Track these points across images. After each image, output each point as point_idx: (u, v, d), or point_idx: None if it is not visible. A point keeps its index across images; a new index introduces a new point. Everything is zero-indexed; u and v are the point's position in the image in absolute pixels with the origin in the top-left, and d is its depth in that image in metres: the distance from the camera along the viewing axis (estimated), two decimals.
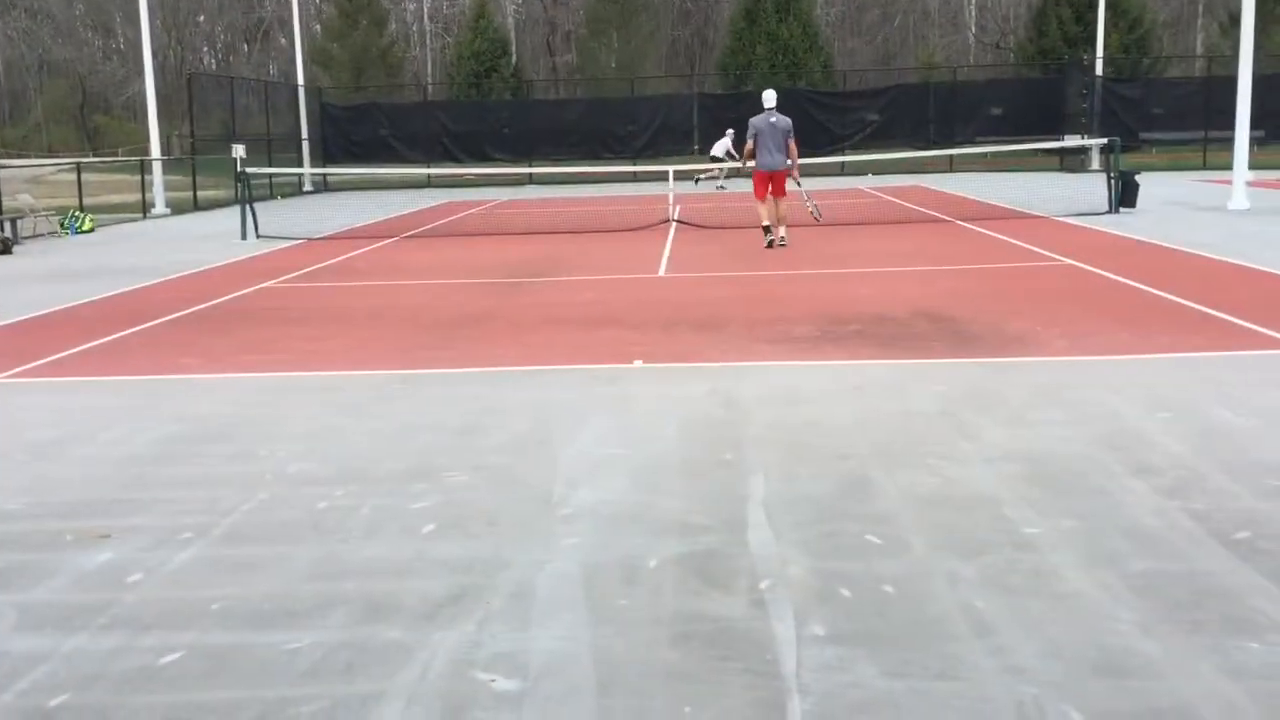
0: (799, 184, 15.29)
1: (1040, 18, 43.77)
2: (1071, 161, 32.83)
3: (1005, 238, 14.94)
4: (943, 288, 10.71)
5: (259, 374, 7.72)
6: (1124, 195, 18.16)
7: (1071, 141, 30.50)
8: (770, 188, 14.48)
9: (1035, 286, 10.74)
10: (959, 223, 17.37)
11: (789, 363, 7.52)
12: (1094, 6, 34.78)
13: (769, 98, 14.55)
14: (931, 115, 35.29)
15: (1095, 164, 30.26)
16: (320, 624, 3.66)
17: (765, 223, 14.43)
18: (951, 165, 34.34)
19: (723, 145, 29.76)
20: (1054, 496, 4.69)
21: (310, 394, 7.08)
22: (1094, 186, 20.60)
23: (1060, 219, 17.28)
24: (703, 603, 3.75)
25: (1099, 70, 34.09)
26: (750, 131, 14.47)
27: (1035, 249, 13.54)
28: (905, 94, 36.64)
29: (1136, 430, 5.63)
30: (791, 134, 14.37)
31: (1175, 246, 13.43)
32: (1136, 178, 18.63)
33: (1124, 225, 16.07)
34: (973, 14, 56.66)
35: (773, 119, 14.30)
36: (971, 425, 5.80)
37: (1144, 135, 34.09)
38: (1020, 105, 35.23)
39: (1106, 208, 17.99)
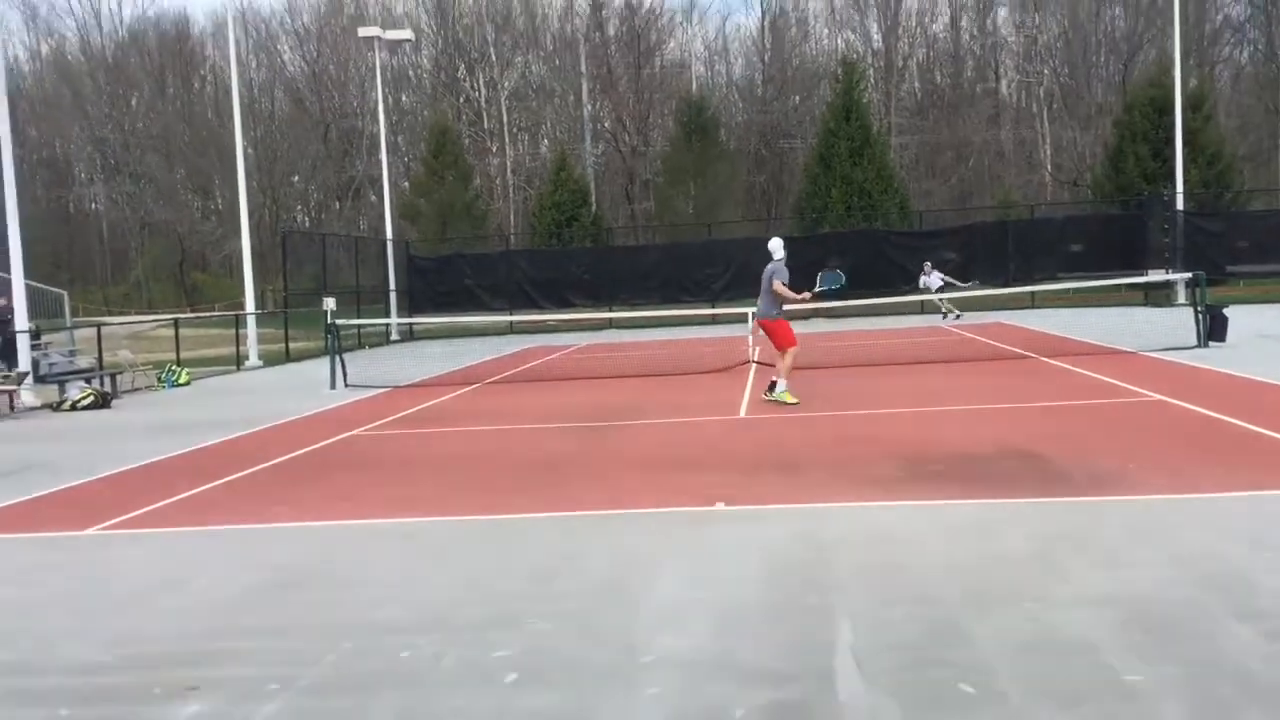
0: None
1: (1117, 156, 43.87)
2: (1157, 296, 32.44)
3: (1091, 373, 14.71)
4: (1029, 425, 10.54)
5: (345, 521, 7.81)
6: (1213, 329, 17.85)
7: (1155, 276, 30.16)
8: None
9: (1125, 423, 10.52)
10: (1043, 359, 17.17)
11: (873, 503, 7.41)
12: (1171, 143, 34.80)
13: (772, 247, 13.39)
14: (1010, 253, 35.25)
15: (1181, 298, 29.86)
16: None
17: (774, 378, 13.41)
18: (1033, 301, 34.13)
19: (935, 280, 30.38)
20: (1155, 642, 4.51)
21: (394, 540, 7.14)
22: (1181, 321, 20.29)
23: (1148, 354, 16.99)
24: None
25: (1179, 205, 33.90)
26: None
27: (1123, 384, 13.30)
28: (983, 232, 36.71)
29: (1239, 571, 5.42)
30: (774, 276, 13.05)
31: (1270, 380, 13.10)
32: (1225, 311, 18.32)
33: (1215, 359, 15.75)
34: (1048, 153, 57.04)
35: (769, 266, 13.23)
36: (1065, 567, 5.63)
37: (1230, 269, 33.63)
38: (1101, 241, 35.05)
39: (1195, 342, 17.67)
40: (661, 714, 4.02)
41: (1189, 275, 20.79)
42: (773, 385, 13.37)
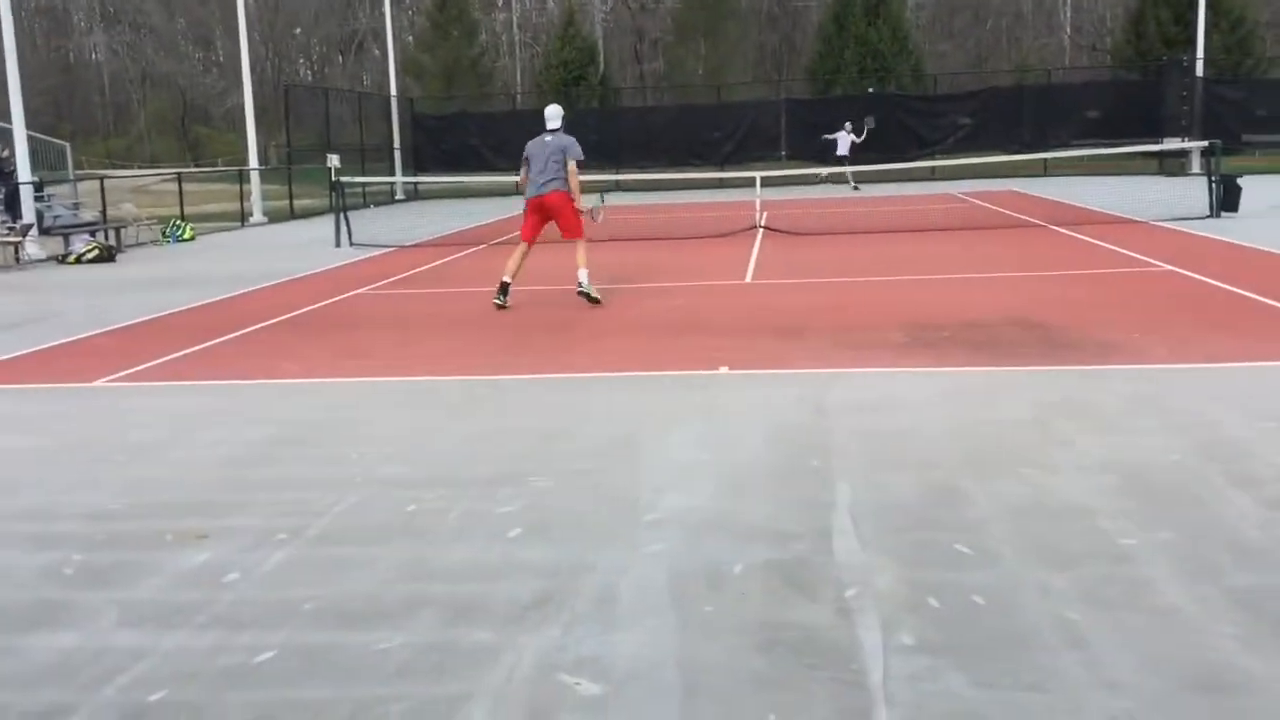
0: (591, 214, 12.04)
1: (1138, 19, 42.74)
2: (1171, 165, 31.99)
3: (1101, 243, 14.61)
4: (1036, 294, 10.52)
5: (351, 379, 7.87)
6: (1225, 199, 17.66)
7: (1171, 144, 29.69)
8: (537, 225, 11.58)
9: (1132, 292, 10.49)
10: (1053, 228, 17.03)
11: (877, 369, 7.45)
12: (1194, 7, 33.86)
13: (551, 114, 11.40)
14: (1025, 118, 34.63)
15: (1195, 167, 29.44)
16: (409, 625, 3.71)
17: (505, 277, 11.19)
18: (1046, 169, 33.70)
19: (846, 141, 29.69)
20: (1151, 507, 4.57)
21: (400, 398, 7.20)
22: (1194, 190, 20.06)
23: (1159, 224, 16.85)
24: (789, 610, 3.72)
25: (1199, 71, 33.14)
26: (523, 157, 11.49)
27: (1132, 254, 13.22)
28: (998, 97, 36.02)
29: (1238, 440, 5.46)
30: (571, 153, 11.28)
31: (1279, 251, 13.03)
32: (1239, 181, 18.10)
33: (1225, 230, 15.62)
34: (1067, 16, 55.54)
35: (548, 138, 11.21)
36: (1065, 434, 5.68)
37: (1246, 138, 33.02)
38: (1117, 108, 34.40)
39: (1207, 212, 17.50)
40: (661, 569, 4.10)
41: (1204, 144, 20.47)
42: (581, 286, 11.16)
